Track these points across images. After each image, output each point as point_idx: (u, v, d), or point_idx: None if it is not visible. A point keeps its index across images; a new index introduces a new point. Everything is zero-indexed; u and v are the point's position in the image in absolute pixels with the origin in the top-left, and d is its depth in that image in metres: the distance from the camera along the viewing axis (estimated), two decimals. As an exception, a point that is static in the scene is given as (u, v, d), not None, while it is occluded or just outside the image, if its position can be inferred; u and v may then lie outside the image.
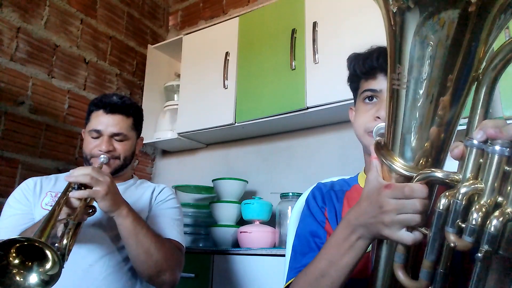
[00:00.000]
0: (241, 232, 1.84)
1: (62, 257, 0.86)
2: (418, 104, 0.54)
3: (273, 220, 1.89)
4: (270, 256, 1.63)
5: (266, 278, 1.60)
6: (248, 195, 2.17)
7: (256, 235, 1.81)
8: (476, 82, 0.52)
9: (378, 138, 0.63)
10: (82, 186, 1.02)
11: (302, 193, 1.11)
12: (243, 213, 1.95)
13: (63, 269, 1.08)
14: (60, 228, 0.93)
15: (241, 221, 2.00)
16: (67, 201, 0.98)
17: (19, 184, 1.28)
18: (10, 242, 0.80)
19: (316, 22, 1.89)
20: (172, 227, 1.24)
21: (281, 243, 1.78)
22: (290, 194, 1.85)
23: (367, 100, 0.85)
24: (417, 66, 0.52)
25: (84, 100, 2.24)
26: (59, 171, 2.04)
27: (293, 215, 1.08)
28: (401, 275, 0.55)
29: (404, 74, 0.53)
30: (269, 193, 2.06)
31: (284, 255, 1.08)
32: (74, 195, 0.99)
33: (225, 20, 2.34)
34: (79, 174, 1.02)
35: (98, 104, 1.29)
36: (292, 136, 2.22)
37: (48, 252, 0.81)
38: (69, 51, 2.22)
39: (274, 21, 2.09)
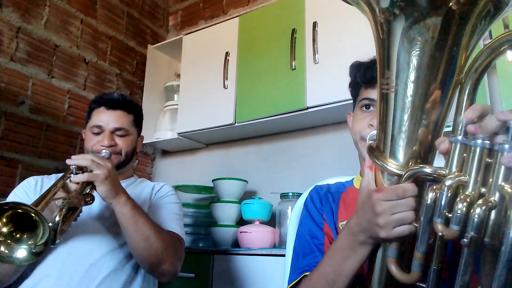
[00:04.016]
0: (241, 232, 1.84)
1: (54, 232, 0.87)
2: (407, 107, 0.57)
3: (273, 220, 1.89)
4: (270, 256, 1.63)
5: (266, 278, 1.60)
6: (248, 195, 2.17)
7: (256, 235, 1.81)
8: (459, 86, 0.55)
9: (370, 142, 0.66)
10: (81, 171, 1.03)
11: (302, 193, 1.11)
12: (243, 213, 1.95)
13: (62, 269, 1.10)
14: (56, 212, 0.93)
15: (241, 221, 2.00)
16: (65, 185, 0.99)
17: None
18: (1, 208, 0.81)
19: (316, 22, 1.89)
20: (172, 220, 1.24)
21: (281, 243, 1.78)
22: (290, 194, 1.85)
23: (364, 108, 0.88)
24: (404, 71, 0.56)
25: (84, 100, 2.24)
26: (59, 171, 2.04)
27: (293, 215, 1.08)
28: (394, 269, 0.57)
29: (392, 78, 0.57)
30: (269, 193, 2.06)
31: (284, 255, 1.08)
32: (74, 179, 1.00)
33: (225, 20, 2.34)
34: (80, 157, 1.04)
35: (99, 101, 1.31)
36: (292, 136, 2.22)
37: (38, 221, 0.81)
38: (69, 51, 2.22)
39: (274, 21, 2.09)
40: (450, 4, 0.50)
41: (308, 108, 1.87)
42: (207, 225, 2.07)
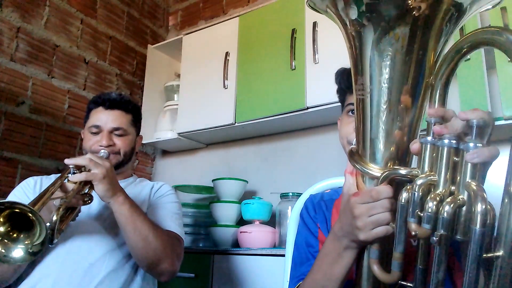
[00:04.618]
0: (241, 232, 1.84)
1: (52, 231, 0.87)
2: (381, 111, 0.59)
3: (273, 220, 1.89)
4: (270, 256, 1.63)
5: (266, 278, 1.60)
6: (248, 195, 2.17)
7: (256, 235, 1.81)
8: (430, 88, 0.57)
9: (351, 146, 0.67)
10: (79, 170, 1.03)
11: (302, 193, 1.11)
12: (243, 213, 1.95)
13: (61, 268, 1.10)
14: (54, 212, 0.92)
15: (241, 221, 1.99)
16: (63, 184, 1.00)
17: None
18: None
19: (316, 22, 1.89)
20: (171, 219, 1.24)
21: (281, 243, 1.78)
22: (290, 194, 1.84)
23: (350, 113, 0.90)
24: (376, 76, 0.58)
25: (84, 100, 2.24)
26: (59, 171, 2.04)
27: (293, 215, 1.08)
28: (376, 270, 0.58)
29: (366, 84, 0.59)
30: (269, 193, 2.06)
31: (284, 255, 1.08)
32: (72, 179, 1.01)
33: (225, 20, 2.34)
34: (79, 157, 1.05)
35: (97, 101, 1.31)
36: (292, 136, 2.22)
37: (34, 221, 0.81)
38: (69, 51, 2.22)
39: (274, 21, 2.09)
40: (414, 12, 0.52)
41: (308, 108, 1.87)
42: (207, 225, 2.07)
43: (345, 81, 0.91)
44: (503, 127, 1.46)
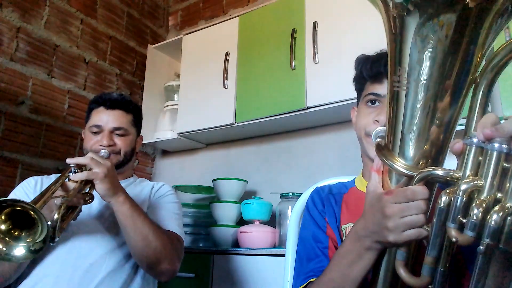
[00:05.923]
0: (241, 232, 1.84)
1: (53, 230, 0.87)
2: (418, 106, 0.55)
3: (273, 220, 1.89)
4: (270, 256, 1.63)
5: (266, 278, 1.60)
6: (248, 195, 2.17)
7: (256, 235, 1.80)
8: (473, 85, 0.54)
9: (378, 139, 0.64)
10: (80, 170, 1.04)
11: (302, 193, 1.10)
12: (243, 213, 1.95)
13: (62, 268, 1.10)
14: (55, 210, 0.92)
15: (241, 221, 2.00)
16: (64, 183, 1.00)
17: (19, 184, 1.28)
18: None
19: (316, 22, 1.89)
20: (171, 220, 1.24)
21: (281, 243, 1.78)
22: (290, 194, 1.85)
23: (370, 104, 0.85)
24: (416, 69, 0.54)
25: (84, 100, 2.24)
26: (59, 171, 2.04)
27: (293, 215, 1.08)
28: (403, 273, 0.55)
29: (404, 76, 0.55)
30: (269, 193, 2.06)
31: (284, 255, 1.08)
32: (73, 178, 1.01)
33: (225, 20, 2.34)
34: (80, 157, 1.05)
35: (98, 101, 1.31)
36: (292, 136, 2.22)
37: (36, 219, 0.81)
38: (69, 51, 2.22)
39: (274, 21, 2.09)
40: (468, 1, 0.48)
41: (308, 108, 1.87)
42: (207, 225, 2.07)
43: (368, 69, 0.85)
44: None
